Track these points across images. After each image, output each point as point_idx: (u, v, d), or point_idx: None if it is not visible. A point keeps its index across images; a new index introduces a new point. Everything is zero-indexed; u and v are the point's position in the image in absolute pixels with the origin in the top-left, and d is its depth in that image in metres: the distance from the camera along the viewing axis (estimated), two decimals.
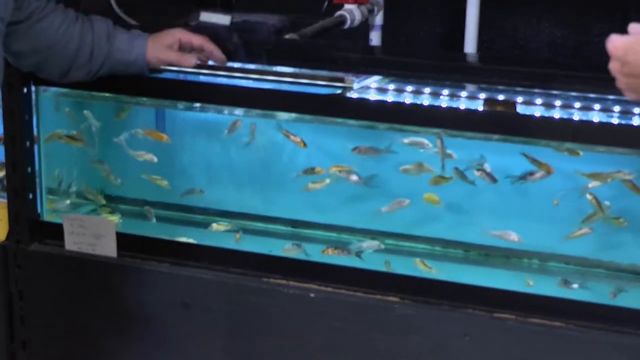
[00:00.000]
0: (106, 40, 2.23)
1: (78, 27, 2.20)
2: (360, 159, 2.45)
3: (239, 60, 2.41)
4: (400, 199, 2.44)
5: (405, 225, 2.54)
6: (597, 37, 2.94)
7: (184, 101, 2.51)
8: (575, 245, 2.40)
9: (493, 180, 2.33)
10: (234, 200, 2.69)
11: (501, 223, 2.42)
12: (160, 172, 2.68)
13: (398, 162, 2.42)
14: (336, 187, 2.53)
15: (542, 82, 2.22)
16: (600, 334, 2.12)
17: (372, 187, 2.48)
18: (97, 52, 2.23)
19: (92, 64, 2.24)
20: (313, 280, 2.34)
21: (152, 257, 2.46)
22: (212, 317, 2.40)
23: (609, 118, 2.22)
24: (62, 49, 2.19)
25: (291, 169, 2.58)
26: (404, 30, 3.11)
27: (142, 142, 2.63)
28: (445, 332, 2.22)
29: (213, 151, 2.70)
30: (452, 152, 2.35)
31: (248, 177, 2.67)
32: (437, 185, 2.39)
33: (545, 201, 2.36)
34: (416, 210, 2.48)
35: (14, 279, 2.55)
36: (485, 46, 3.01)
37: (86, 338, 2.53)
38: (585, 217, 2.31)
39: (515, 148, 2.25)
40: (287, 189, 2.62)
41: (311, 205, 2.62)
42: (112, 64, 2.26)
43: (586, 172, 2.28)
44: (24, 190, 2.52)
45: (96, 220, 2.51)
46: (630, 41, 1.56)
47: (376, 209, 2.48)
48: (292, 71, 2.44)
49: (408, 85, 2.39)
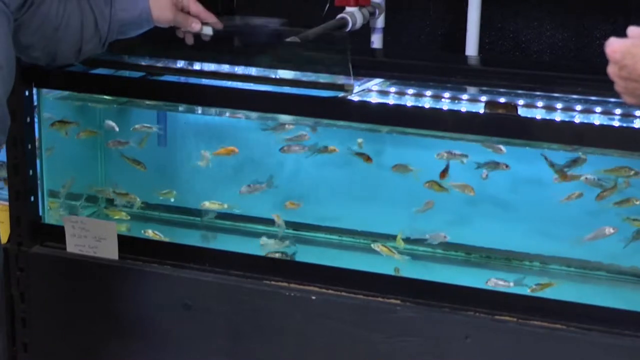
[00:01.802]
0: (104, 4, 2.21)
1: (74, 1, 2.18)
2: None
3: (240, 63, 2.42)
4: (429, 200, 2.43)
5: (407, 226, 2.53)
6: (599, 39, 2.95)
7: (184, 104, 2.51)
8: (576, 248, 2.40)
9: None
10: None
11: (501, 223, 2.43)
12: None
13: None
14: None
15: (543, 84, 2.22)
16: (601, 336, 2.12)
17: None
18: (101, 19, 2.20)
19: (100, 32, 2.21)
20: (314, 282, 2.34)
21: (154, 260, 2.46)
22: (213, 319, 2.40)
23: (610, 121, 2.22)
24: (66, 27, 2.16)
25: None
26: (405, 33, 3.12)
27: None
28: (446, 334, 2.22)
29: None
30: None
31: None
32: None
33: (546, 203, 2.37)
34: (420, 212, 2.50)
35: (15, 282, 2.55)
36: (487, 48, 3.01)
37: (87, 340, 2.53)
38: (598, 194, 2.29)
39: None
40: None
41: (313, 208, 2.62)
42: (119, 26, 2.23)
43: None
44: (25, 193, 2.52)
45: (97, 223, 2.51)
46: (628, 44, 1.56)
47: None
48: (293, 74, 2.44)
49: (409, 88, 2.38)
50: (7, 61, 1.87)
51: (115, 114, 2.68)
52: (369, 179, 2.54)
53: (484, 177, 2.33)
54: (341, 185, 2.59)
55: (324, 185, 2.60)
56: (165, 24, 2.27)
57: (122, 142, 2.67)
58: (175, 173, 2.72)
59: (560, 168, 2.26)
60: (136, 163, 2.67)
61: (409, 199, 2.46)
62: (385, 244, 2.45)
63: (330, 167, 2.56)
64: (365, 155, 2.46)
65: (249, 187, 2.54)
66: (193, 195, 2.69)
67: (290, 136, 2.49)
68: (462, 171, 2.37)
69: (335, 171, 2.57)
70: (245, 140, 2.60)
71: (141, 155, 2.68)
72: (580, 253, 2.41)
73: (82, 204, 2.76)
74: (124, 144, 2.66)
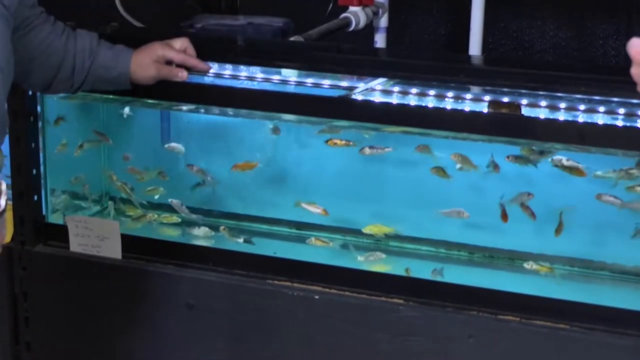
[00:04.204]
0: (88, 55, 2.20)
1: (62, 40, 2.17)
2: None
3: (244, 62, 2.42)
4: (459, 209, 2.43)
5: (408, 227, 2.54)
6: (602, 39, 2.95)
7: (187, 103, 2.51)
8: (578, 248, 2.40)
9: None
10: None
11: (502, 224, 2.43)
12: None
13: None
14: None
15: (546, 84, 2.22)
16: (604, 336, 2.12)
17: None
18: (79, 67, 2.20)
19: (73, 78, 2.20)
20: (317, 282, 2.34)
21: (157, 259, 2.46)
22: (216, 318, 2.40)
23: (613, 120, 2.22)
24: (44, 61, 2.16)
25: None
26: (409, 32, 3.12)
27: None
28: (449, 333, 2.22)
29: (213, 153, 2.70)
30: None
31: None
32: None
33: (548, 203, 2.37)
34: (420, 212, 2.49)
35: (18, 281, 2.55)
36: (490, 48, 3.01)
37: (90, 339, 2.53)
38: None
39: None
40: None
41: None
42: (94, 80, 2.23)
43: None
44: (29, 192, 2.52)
45: (101, 222, 2.51)
46: None
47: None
48: (297, 73, 2.44)
49: (413, 88, 2.38)
50: (7, 63, 1.87)
51: (117, 113, 2.68)
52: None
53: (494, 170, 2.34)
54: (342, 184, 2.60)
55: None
56: (150, 81, 2.25)
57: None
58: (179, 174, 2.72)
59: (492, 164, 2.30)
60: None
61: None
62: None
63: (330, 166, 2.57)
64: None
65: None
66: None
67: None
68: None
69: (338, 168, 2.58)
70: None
71: (142, 156, 2.68)
72: (584, 252, 2.41)
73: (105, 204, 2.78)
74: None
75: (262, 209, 2.68)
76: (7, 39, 1.88)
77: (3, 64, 1.85)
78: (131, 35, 2.29)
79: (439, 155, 2.39)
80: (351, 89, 2.39)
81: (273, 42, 2.71)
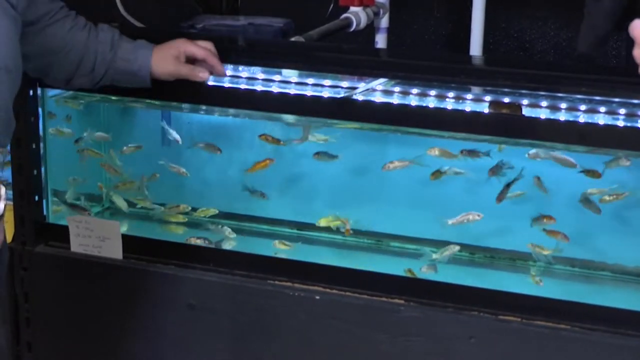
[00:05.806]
0: (110, 49, 2.21)
1: (84, 34, 2.19)
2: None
3: (245, 63, 2.42)
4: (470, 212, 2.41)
5: (410, 227, 2.54)
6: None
7: (189, 104, 2.51)
8: (579, 248, 2.40)
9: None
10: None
11: (506, 223, 2.43)
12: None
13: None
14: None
15: (547, 84, 2.22)
16: (605, 336, 2.12)
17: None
18: (100, 61, 2.21)
19: (95, 72, 2.22)
20: (318, 282, 2.34)
21: (158, 259, 2.46)
22: (218, 319, 2.40)
23: (614, 121, 2.22)
24: (65, 55, 2.17)
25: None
26: (410, 33, 3.12)
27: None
28: (450, 334, 2.22)
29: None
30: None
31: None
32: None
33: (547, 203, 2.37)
34: (420, 212, 2.49)
35: (19, 281, 2.55)
36: (491, 48, 3.02)
37: (91, 340, 2.53)
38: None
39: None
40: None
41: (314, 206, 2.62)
42: (115, 74, 2.23)
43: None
44: (29, 192, 2.52)
45: (102, 222, 2.51)
46: None
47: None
48: (297, 74, 2.44)
49: (413, 88, 2.38)
50: (15, 65, 1.87)
51: (119, 114, 2.68)
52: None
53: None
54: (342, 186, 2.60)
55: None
56: (169, 77, 2.24)
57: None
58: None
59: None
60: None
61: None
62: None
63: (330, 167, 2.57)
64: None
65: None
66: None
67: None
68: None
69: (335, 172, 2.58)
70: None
71: (142, 156, 2.68)
72: (585, 253, 2.41)
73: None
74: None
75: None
76: (15, 38, 1.88)
77: (10, 64, 1.84)
78: (131, 36, 2.29)
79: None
80: (352, 89, 2.39)
81: (274, 43, 2.71)
